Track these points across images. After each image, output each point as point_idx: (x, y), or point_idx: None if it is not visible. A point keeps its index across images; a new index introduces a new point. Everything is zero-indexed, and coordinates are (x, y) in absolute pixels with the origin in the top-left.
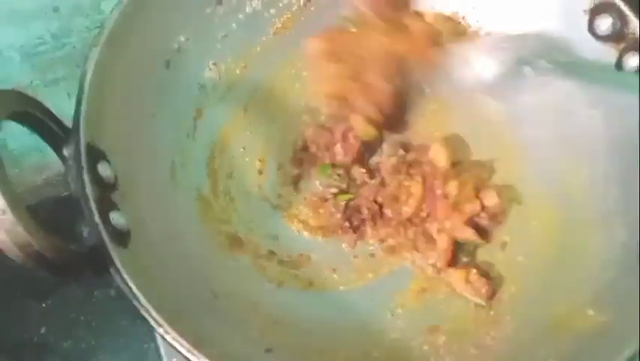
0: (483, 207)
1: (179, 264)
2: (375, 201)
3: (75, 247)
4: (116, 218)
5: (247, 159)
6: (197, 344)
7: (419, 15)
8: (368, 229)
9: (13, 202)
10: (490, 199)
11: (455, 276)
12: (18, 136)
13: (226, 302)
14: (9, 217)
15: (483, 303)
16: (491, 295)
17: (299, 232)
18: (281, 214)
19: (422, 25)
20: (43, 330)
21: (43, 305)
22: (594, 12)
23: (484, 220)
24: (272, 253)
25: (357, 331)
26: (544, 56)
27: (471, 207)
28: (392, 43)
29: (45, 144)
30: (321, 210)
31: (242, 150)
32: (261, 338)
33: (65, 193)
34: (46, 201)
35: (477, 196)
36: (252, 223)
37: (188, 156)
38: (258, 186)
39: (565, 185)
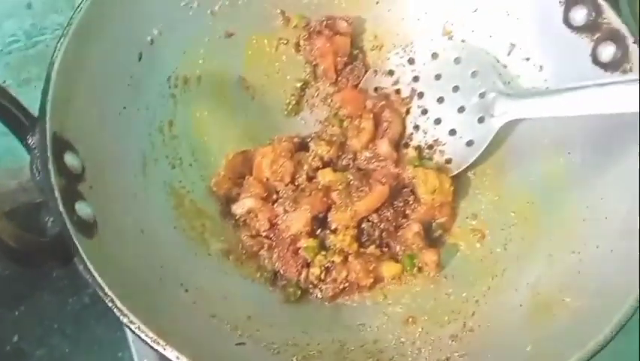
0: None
1: (150, 256)
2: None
3: (38, 235)
4: (82, 208)
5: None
6: (162, 334)
7: None
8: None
9: None
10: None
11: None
12: None
13: (197, 297)
14: None
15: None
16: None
17: None
18: None
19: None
20: (15, 338)
21: (16, 313)
22: (569, 3)
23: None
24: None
25: (332, 324)
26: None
27: None
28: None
29: (18, 146)
30: None
31: (212, 144)
32: (234, 332)
33: (39, 200)
34: (22, 207)
35: None
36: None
37: (160, 150)
38: None
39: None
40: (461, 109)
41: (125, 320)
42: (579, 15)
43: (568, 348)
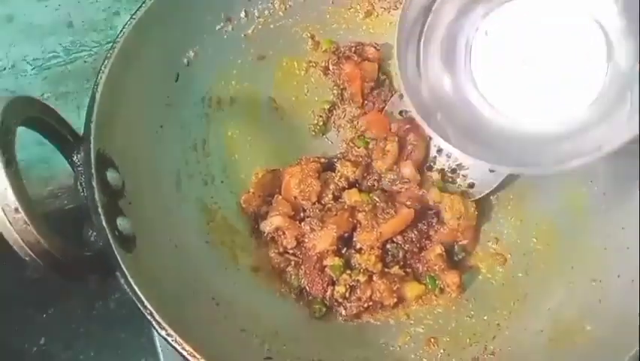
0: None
1: (183, 270)
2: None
3: (82, 250)
4: (123, 224)
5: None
6: (197, 347)
7: None
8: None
9: (26, 202)
10: None
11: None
12: (26, 147)
13: (227, 310)
14: (21, 216)
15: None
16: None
17: None
18: None
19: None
20: (42, 341)
21: (44, 316)
22: None
23: None
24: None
25: (355, 341)
26: None
27: None
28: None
29: (51, 155)
30: None
31: (242, 162)
32: (261, 347)
33: (69, 206)
34: (53, 212)
35: None
36: None
37: (193, 168)
38: None
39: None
40: None
41: (162, 333)
42: None
43: None
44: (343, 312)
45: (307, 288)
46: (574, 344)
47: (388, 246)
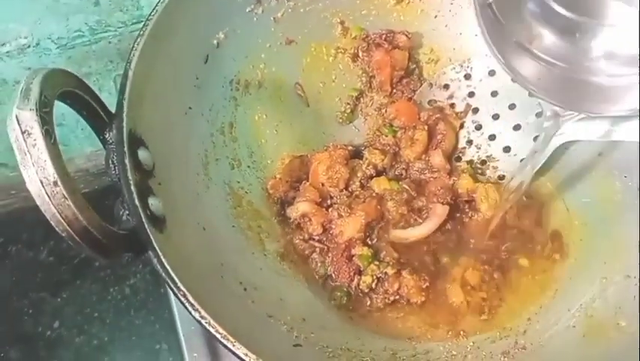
0: None
1: (211, 254)
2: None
3: (116, 228)
4: (155, 204)
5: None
6: (231, 331)
7: None
8: None
9: (65, 176)
10: None
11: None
12: None
13: (255, 296)
14: (60, 190)
15: None
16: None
17: None
18: None
19: None
20: (56, 324)
21: (58, 300)
22: None
23: None
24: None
25: (381, 333)
26: None
27: None
28: None
29: (70, 137)
30: None
31: (269, 147)
32: (290, 333)
33: (85, 190)
34: None
35: None
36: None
37: (220, 151)
38: None
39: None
40: (517, 127)
41: (196, 315)
42: None
43: None
44: (368, 303)
45: (333, 275)
46: (608, 341)
47: None
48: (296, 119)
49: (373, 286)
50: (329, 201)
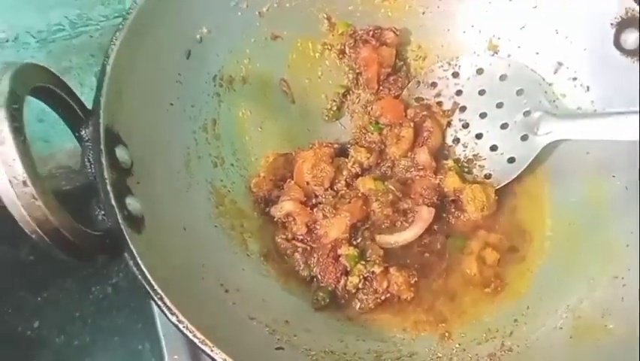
0: None
1: (192, 255)
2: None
3: (90, 230)
4: (132, 203)
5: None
6: (209, 334)
7: None
8: None
9: (35, 175)
10: None
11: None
12: (26, 123)
13: (236, 298)
14: (30, 190)
15: None
16: None
17: None
18: None
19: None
20: (36, 324)
21: (39, 299)
22: (622, 26)
23: None
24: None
25: (366, 335)
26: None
27: None
28: None
29: (52, 133)
30: None
31: (253, 144)
32: (272, 336)
33: (67, 187)
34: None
35: None
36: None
37: (203, 148)
38: None
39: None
40: (504, 125)
41: (173, 319)
42: (631, 38)
43: None
44: (359, 305)
45: (319, 276)
46: (597, 343)
47: None
48: (281, 116)
49: (360, 286)
50: (314, 200)
